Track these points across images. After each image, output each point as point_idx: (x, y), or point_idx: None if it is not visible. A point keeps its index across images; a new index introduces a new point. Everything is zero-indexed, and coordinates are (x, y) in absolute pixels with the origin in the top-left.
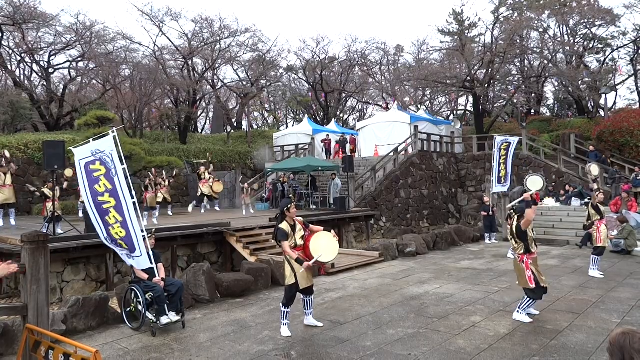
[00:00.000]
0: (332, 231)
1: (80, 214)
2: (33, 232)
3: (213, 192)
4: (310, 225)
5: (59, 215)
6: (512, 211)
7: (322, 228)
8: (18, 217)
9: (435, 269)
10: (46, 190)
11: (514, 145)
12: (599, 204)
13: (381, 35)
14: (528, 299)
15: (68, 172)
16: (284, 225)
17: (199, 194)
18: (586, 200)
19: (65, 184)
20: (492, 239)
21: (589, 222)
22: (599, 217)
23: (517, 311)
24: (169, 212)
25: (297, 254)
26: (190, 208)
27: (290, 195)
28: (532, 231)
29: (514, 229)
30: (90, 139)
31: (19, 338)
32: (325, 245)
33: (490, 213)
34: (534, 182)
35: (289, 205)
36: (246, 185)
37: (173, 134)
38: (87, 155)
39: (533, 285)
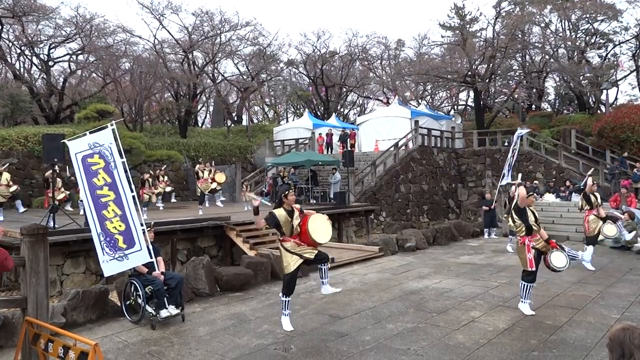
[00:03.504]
0: (325, 214)
1: (82, 212)
2: (32, 225)
3: (213, 185)
4: (305, 211)
5: (58, 207)
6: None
7: (315, 211)
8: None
9: (435, 264)
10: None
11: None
12: (591, 194)
13: (382, 29)
14: (524, 283)
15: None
16: (278, 212)
17: (198, 193)
18: (579, 187)
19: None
20: (492, 235)
21: (580, 210)
22: (588, 207)
23: (522, 301)
24: (160, 206)
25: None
26: (200, 212)
27: (289, 182)
28: (534, 214)
29: (513, 208)
30: (87, 132)
31: (19, 330)
32: (321, 227)
33: (492, 206)
34: (557, 258)
35: (287, 192)
36: (245, 182)
37: (173, 128)
38: (85, 149)
39: (533, 268)
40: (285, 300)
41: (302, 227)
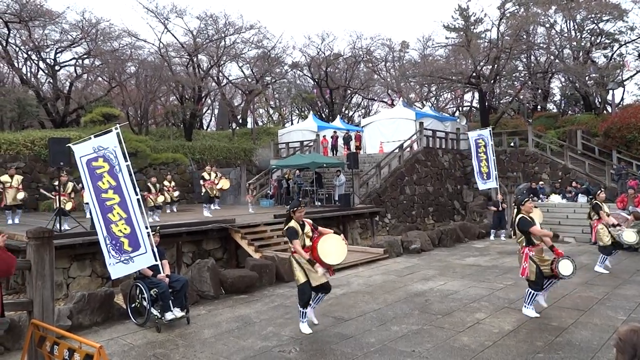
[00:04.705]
0: (342, 235)
1: (88, 214)
2: (38, 228)
3: (216, 191)
4: (319, 228)
5: (64, 210)
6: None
7: (332, 231)
8: (25, 214)
9: (440, 265)
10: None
11: (489, 139)
12: (600, 203)
13: (386, 31)
14: (529, 290)
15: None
16: (293, 224)
17: (204, 195)
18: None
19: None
20: (501, 236)
21: (589, 220)
22: (597, 217)
23: (525, 306)
24: (174, 209)
25: (308, 255)
26: (206, 212)
27: (300, 199)
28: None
29: (516, 222)
30: (92, 136)
31: (25, 333)
32: (333, 248)
33: (501, 208)
34: (565, 266)
35: (296, 208)
36: (250, 185)
37: (178, 131)
38: (89, 152)
39: (524, 277)
40: (303, 312)
41: (313, 245)
